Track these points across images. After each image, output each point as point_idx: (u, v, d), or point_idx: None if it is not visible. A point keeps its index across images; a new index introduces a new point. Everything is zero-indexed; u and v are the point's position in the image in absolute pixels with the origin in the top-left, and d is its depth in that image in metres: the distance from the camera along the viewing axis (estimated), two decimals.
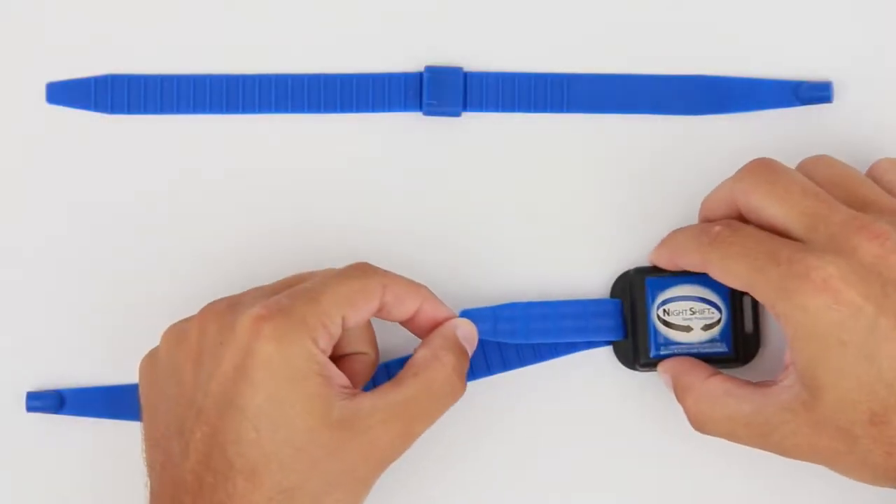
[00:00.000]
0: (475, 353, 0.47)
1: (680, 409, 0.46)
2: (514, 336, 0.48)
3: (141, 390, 0.45)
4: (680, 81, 0.51)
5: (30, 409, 0.49)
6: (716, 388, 0.45)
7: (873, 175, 0.46)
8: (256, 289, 0.46)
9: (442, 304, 0.47)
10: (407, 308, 0.46)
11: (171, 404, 0.43)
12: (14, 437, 0.49)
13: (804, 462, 0.43)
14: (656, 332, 0.47)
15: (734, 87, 0.50)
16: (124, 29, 0.50)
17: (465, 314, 0.48)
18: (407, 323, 0.46)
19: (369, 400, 0.43)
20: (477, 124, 0.50)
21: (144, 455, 0.44)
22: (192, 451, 0.42)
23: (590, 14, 0.51)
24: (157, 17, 0.50)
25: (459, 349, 0.46)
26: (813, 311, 0.41)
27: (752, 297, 0.45)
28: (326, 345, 0.43)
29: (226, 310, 0.43)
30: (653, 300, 0.47)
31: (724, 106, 0.50)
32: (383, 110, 0.50)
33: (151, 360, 0.45)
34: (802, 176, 0.45)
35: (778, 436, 0.43)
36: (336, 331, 0.43)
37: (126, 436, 0.48)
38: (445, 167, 0.50)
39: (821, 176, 0.45)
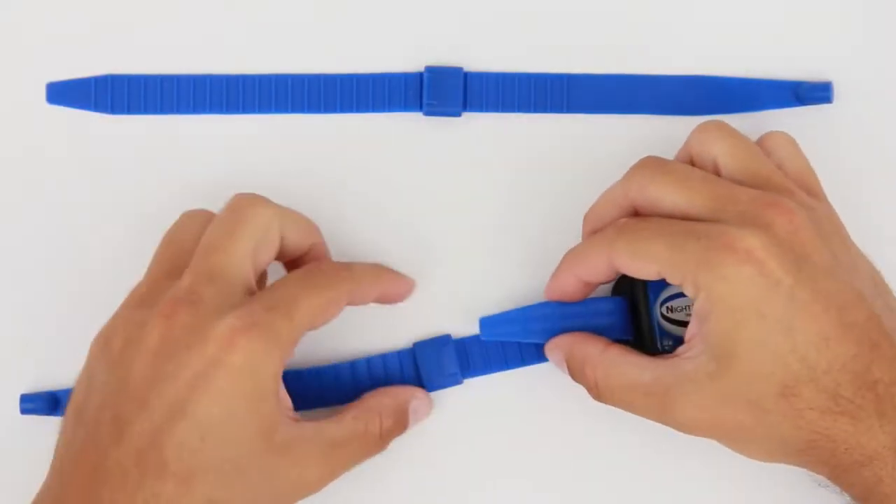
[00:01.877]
0: (480, 350, 0.48)
1: None
2: (535, 335, 0.48)
3: (87, 358, 0.44)
4: (680, 81, 0.51)
5: (24, 411, 0.49)
6: (615, 356, 0.45)
7: (764, 149, 0.46)
8: (196, 274, 0.43)
9: (400, 281, 0.48)
10: (369, 298, 0.47)
11: (110, 388, 0.42)
12: (12, 437, 0.49)
13: (701, 438, 0.43)
14: (661, 329, 0.47)
15: (734, 87, 0.50)
16: (124, 29, 0.50)
17: (487, 321, 0.48)
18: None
19: (309, 430, 0.43)
20: (477, 124, 0.51)
21: (61, 429, 0.43)
22: (125, 443, 0.41)
23: (590, 14, 0.51)
24: (157, 17, 0.50)
25: (402, 418, 0.47)
26: (735, 282, 0.41)
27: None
28: (288, 357, 0.43)
29: (192, 310, 0.42)
30: (655, 298, 0.47)
31: (724, 106, 0.50)
32: (383, 110, 0.50)
33: (105, 340, 0.43)
34: (693, 166, 0.45)
35: (678, 408, 0.43)
36: (298, 341, 0.43)
37: None
38: (445, 167, 0.50)
39: (718, 150, 0.45)
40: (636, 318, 0.47)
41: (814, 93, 0.50)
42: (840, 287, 0.41)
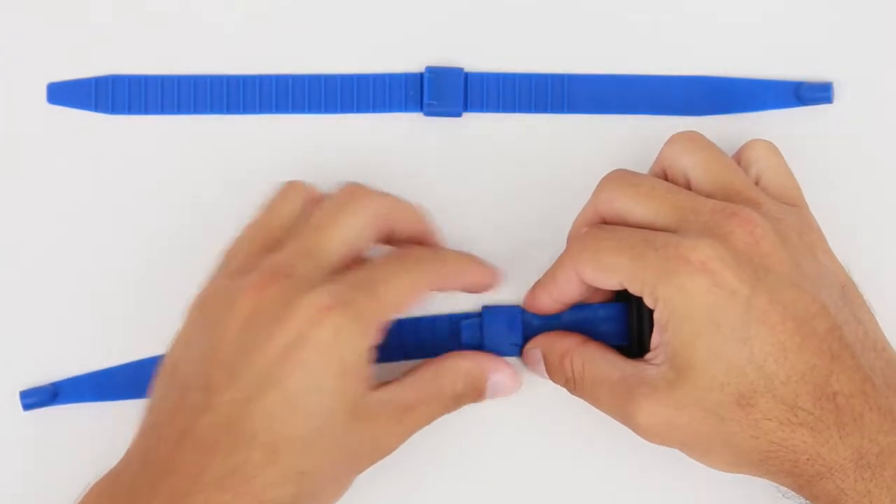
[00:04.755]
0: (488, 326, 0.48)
1: None
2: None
3: (186, 317, 0.45)
4: (680, 82, 0.51)
5: (26, 407, 0.49)
6: (593, 350, 0.46)
7: (745, 159, 0.47)
8: (294, 250, 0.44)
9: (488, 269, 0.47)
10: (457, 285, 0.47)
11: (202, 354, 0.43)
12: (14, 436, 0.49)
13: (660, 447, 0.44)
14: None
15: (734, 87, 0.50)
16: (124, 29, 0.50)
17: (489, 311, 0.49)
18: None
19: (386, 396, 0.44)
20: (477, 124, 0.51)
21: (156, 382, 0.44)
22: (215, 410, 0.41)
23: (590, 14, 0.51)
24: (157, 17, 0.50)
25: (478, 386, 0.47)
26: (691, 292, 0.41)
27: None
28: (376, 339, 0.43)
29: (284, 283, 0.42)
30: None
31: (724, 106, 0.50)
32: (383, 110, 0.50)
33: (202, 305, 0.44)
34: (662, 179, 0.45)
35: (637, 410, 0.43)
36: (387, 322, 0.43)
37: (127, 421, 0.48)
38: (445, 167, 0.50)
39: (689, 162, 0.45)
40: (639, 322, 0.47)
41: (814, 93, 0.50)
42: (801, 298, 0.41)
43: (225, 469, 0.41)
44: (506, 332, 0.48)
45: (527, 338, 0.48)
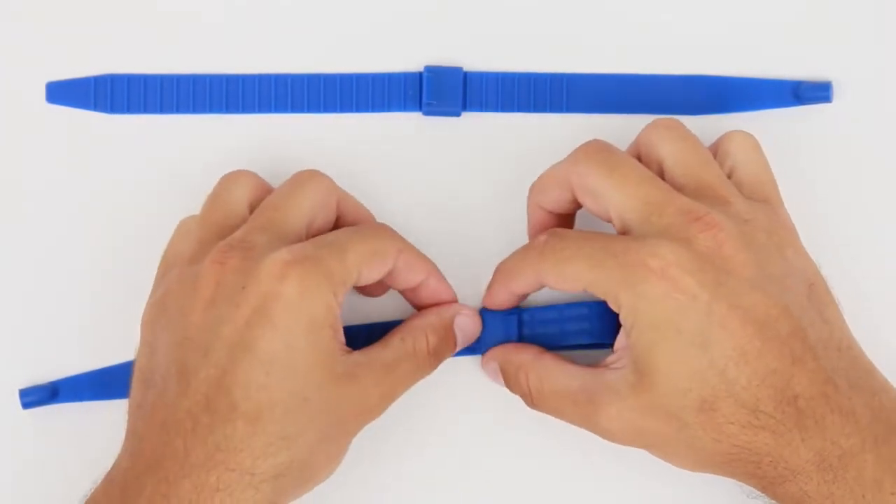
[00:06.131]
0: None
1: None
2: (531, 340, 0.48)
3: (141, 331, 0.45)
4: (680, 81, 0.51)
5: (25, 405, 0.49)
6: (548, 363, 0.46)
7: (721, 150, 0.46)
8: (251, 227, 0.44)
9: (445, 282, 0.47)
10: (413, 278, 0.46)
11: (173, 345, 0.42)
12: (14, 434, 0.49)
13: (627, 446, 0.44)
14: None
15: (734, 87, 0.50)
16: (124, 29, 0.50)
17: (487, 311, 0.48)
18: (408, 292, 0.47)
19: (363, 357, 0.44)
20: (477, 124, 0.51)
21: (130, 396, 0.44)
22: (192, 392, 0.41)
23: (590, 14, 0.51)
24: (157, 17, 0.51)
25: (449, 335, 0.47)
26: (653, 299, 0.41)
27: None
28: (341, 299, 0.43)
29: (244, 254, 0.42)
30: None
31: (724, 106, 0.50)
32: (383, 110, 0.50)
33: (161, 302, 0.44)
34: (638, 162, 0.45)
35: (601, 416, 0.43)
36: (350, 287, 0.43)
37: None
38: (445, 167, 0.51)
39: (665, 151, 0.45)
40: None
41: (814, 93, 0.50)
42: (763, 301, 0.41)
43: (209, 448, 0.40)
44: (503, 332, 0.48)
45: (524, 337, 0.48)
